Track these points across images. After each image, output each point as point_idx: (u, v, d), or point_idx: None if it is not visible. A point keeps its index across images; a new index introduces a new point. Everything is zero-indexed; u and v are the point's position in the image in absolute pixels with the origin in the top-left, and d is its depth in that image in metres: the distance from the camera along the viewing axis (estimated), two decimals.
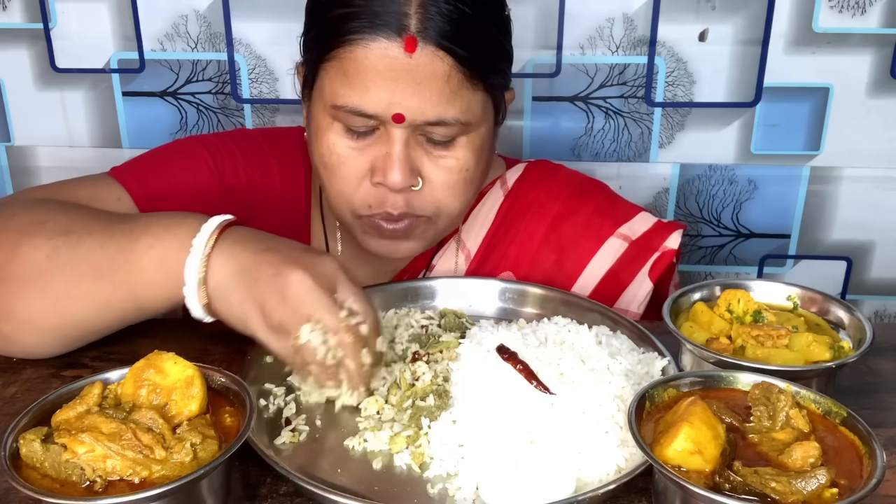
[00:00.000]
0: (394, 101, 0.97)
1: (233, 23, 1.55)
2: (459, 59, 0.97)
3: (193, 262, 0.85)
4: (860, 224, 1.65)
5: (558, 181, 1.22)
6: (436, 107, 0.97)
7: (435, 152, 1.02)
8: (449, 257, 1.19)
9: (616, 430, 0.80)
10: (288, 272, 0.83)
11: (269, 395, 0.90)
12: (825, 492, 0.66)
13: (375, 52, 0.96)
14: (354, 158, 1.02)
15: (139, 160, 1.16)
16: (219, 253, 0.85)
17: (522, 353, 0.87)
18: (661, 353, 0.92)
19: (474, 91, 1.00)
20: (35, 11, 1.56)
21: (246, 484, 0.78)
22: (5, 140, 1.66)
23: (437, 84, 0.97)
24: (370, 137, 1.01)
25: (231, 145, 1.19)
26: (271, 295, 0.83)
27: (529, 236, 1.18)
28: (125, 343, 0.97)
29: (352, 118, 0.99)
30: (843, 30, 1.51)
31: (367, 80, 0.97)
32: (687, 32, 1.53)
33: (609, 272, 1.16)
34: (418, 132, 1.00)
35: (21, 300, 0.90)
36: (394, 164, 0.99)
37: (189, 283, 0.85)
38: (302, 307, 0.82)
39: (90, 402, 0.73)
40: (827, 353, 0.86)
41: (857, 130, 1.57)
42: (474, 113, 1.01)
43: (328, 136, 1.02)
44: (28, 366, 0.96)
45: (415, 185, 1.02)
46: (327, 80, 1.00)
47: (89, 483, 0.67)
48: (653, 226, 1.18)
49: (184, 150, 1.17)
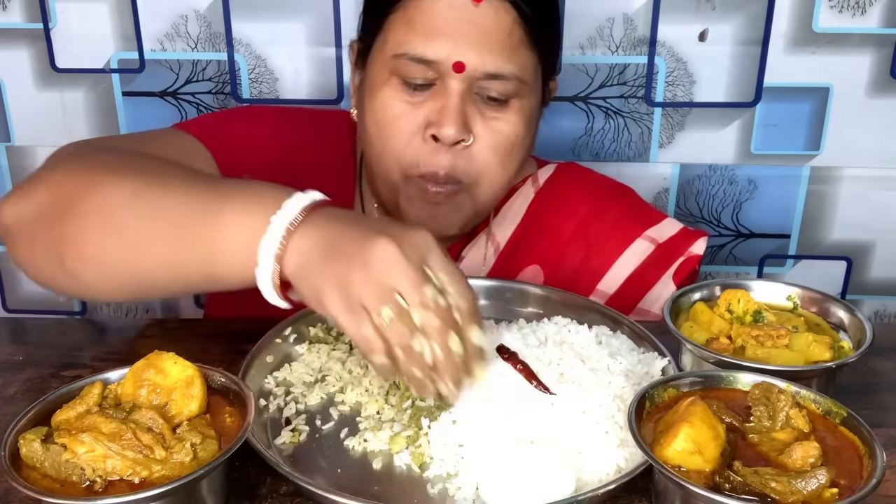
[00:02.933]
0: (456, 50, 1.00)
1: (233, 23, 1.55)
2: (523, 14, 1.01)
3: (270, 239, 0.76)
4: (860, 224, 1.65)
5: (588, 183, 1.25)
6: (496, 59, 1.00)
7: (489, 113, 1.04)
8: (479, 249, 1.21)
9: (616, 430, 0.80)
10: (373, 242, 0.74)
11: (269, 395, 0.90)
12: (825, 492, 0.66)
13: (443, 1, 1.00)
14: (409, 113, 1.04)
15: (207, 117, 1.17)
16: (301, 230, 0.77)
17: (522, 353, 0.87)
18: (661, 353, 0.92)
19: (531, 52, 1.04)
20: (35, 11, 1.56)
21: (246, 484, 0.78)
22: (5, 140, 1.66)
23: (499, 37, 1.00)
24: (426, 93, 1.03)
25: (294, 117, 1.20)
26: (352, 267, 0.73)
27: (558, 233, 1.20)
28: (125, 343, 0.97)
29: (412, 67, 1.01)
30: (843, 30, 1.51)
31: (431, 28, 1.00)
32: (687, 32, 1.53)
33: (634, 273, 1.18)
34: (475, 88, 1.03)
35: (92, 238, 0.84)
36: (449, 116, 1.01)
37: (262, 262, 0.77)
38: (387, 279, 0.73)
39: (90, 402, 0.73)
40: (827, 353, 0.86)
41: (857, 130, 1.57)
42: (529, 73, 1.04)
43: (384, 91, 1.04)
44: (28, 366, 0.96)
45: (466, 140, 1.03)
46: (391, 33, 1.03)
47: (89, 483, 0.67)
48: (679, 231, 1.20)
49: (253, 115, 1.18)
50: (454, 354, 0.75)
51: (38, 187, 0.89)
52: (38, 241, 0.87)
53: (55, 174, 0.90)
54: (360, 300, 0.73)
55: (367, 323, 0.73)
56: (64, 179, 0.88)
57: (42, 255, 0.88)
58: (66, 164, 0.91)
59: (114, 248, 0.84)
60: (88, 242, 0.84)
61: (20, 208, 0.88)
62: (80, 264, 0.85)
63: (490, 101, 1.04)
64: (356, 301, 0.73)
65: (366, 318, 0.73)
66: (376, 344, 0.73)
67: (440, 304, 0.74)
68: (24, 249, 0.90)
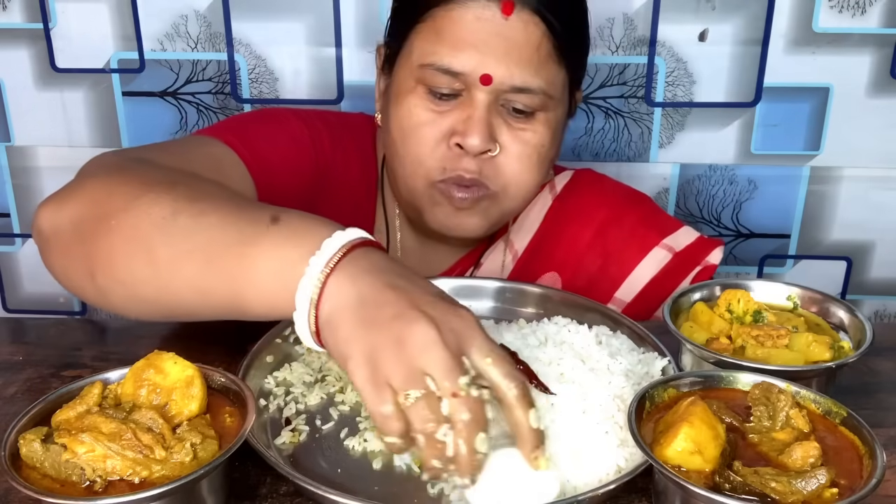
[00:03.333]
0: (483, 63, 1.00)
1: (233, 23, 1.55)
2: (552, 28, 1.01)
3: (308, 283, 0.71)
4: (860, 224, 1.65)
5: (605, 189, 1.25)
6: (524, 72, 1.00)
7: (515, 124, 1.04)
8: (497, 256, 1.22)
9: (616, 430, 0.80)
10: (412, 318, 0.68)
11: (269, 395, 0.90)
12: (825, 492, 0.66)
13: (472, 13, 0.99)
14: (434, 122, 1.04)
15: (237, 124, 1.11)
16: (340, 276, 0.71)
17: (522, 353, 0.86)
18: (661, 353, 0.92)
19: (559, 66, 1.03)
20: (35, 11, 1.56)
21: (246, 484, 0.77)
22: (5, 140, 1.66)
23: (527, 50, 1.00)
24: (452, 102, 1.03)
25: (316, 119, 1.19)
26: (385, 341, 0.68)
27: (575, 240, 1.20)
28: (125, 343, 0.97)
29: (438, 77, 1.01)
30: (843, 30, 1.51)
31: (459, 39, 1.00)
32: (687, 32, 1.53)
33: (652, 280, 1.18)
34: (501, 100, 1.03)
35: (122, 257, 0.81)
36: (474, 126, 1.01)
37: (300, 306, 0.72)
38: (420, 363, 0.67)
39: (90, 402, 0.73)
40: (827, 353, 0.86)
41: (857, 130, 1.57)
42: (556, 87, 1.04)
43: (410, 98, 1.04)
44: (28, 366, 0.96)
45: (492, 150, 1.03)
46: (417, 42, 1.03)
47: (89, 483, 0.67)
48: (695, 240, 1.20)
49: (278, 118, 1.16)
50: (478, 455, 0.68)
51: (76, 197, 0.86)
52: (71, 252, 0.85)
53: (93, 185, 0.87)
54: (387, 378, 0.68)
55: (390, 401, 0.67)
56: (102, 192, 0.85)
57: (74, 267, 0.86)
58: (105, 175, 0.88)
59: (142, 272, 0.80)
60: (118, 261, 0.82)
61: (57, 217, 0.86)
62: (110, 282, 0.83)
63: (516, 112, 1.04)
64: (383, 378, 0.68)
65: (389, 395, 0.67)
66: (394, 424, 0.68)
67: (473, 396, 0.68)
68: (58, 258, 0.88)
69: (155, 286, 0.81)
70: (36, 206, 0.91)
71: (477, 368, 0.69)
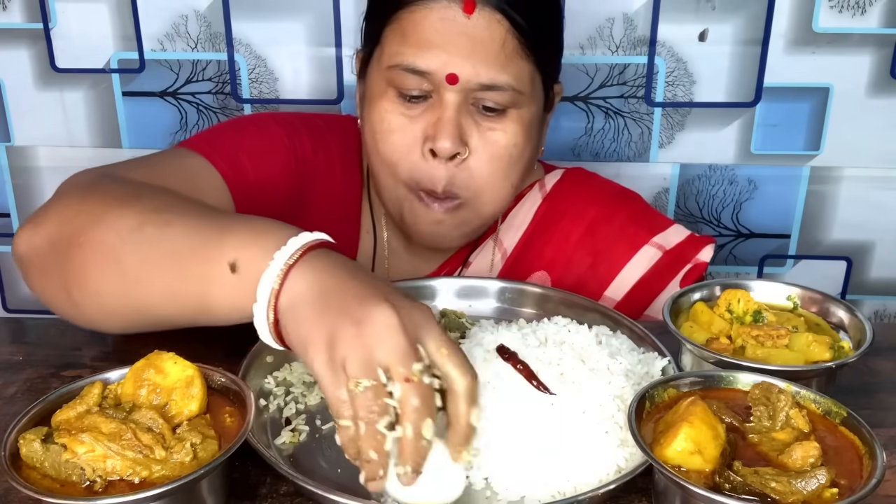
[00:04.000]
0: (449, 62, 1.00)
1: (233, 23, 1.55)
2: (516, 25, 1.01)
3: (270, 275, 0.73)
4: (860, 224, 1.65)
5: (595, 188, 1.25)
6: (489, 70, 1.00)
7: (485, 124, 1.04)
8: (486, 255, 1.21)
9: (616, 430, 0.80)
10: (374, 302, 0.69)
11: (269, 395, 0.90)
12: (825, 492, 0.66)
13: (435, 13, 1.00)
14: (406, 126, 1.04)
15: (216, 135, 1.13)
16: (301, 269, 0.74)
17: (522, 353, 0.86)
18: (661, 353, 0.92)
19: (527, 61, 1.03)
20: (35, 11, 1.56)
21: (246, 484, 0.77)
22: (5, 140, 1.66)
23: (492, 47, 1.00)
24: (422, 104, 1.04)
25: (299, 125, 1.19)
26: (345, 323, 0.69)
27: (565, 238, 1.20)
28: (125, 343, 0.97)
29: (406, 78, 1.02)
30: (843, 30, 1.51)
31: (424, 39, 1.00)
32: (687, 32, 1.53)
33: (642, 279, 1.17)
34: (470, 99, 1.03)
35: (94, 270, 0.84)
36: (444, 129, 1.02)
37: (260, 298, 0.74)
38: (376, 347, 0.68)
39: (90, 402, 0.73)
40: (827, 353, 0.86)
41: (857, 130, 1.57)
42: (525, 83, 1.04)
43: (381, 103, 1.05)
44: (28, 366, 0.96)
45: (462, 153, 1.04)
46: (386, 45, 1.04)
47: (89, 483, 0.67)
48: (686, 238, 1.20)
49: (259, 127, 1.16)
50: (423, 441, 0.69)
51: (49, 219, 0.89)
52: (49, 271, 0.88)
53: (64, 205, 0.90)
54: (343, 360, 0.68)
55: (343, 386, 0.68)
56: (72, 211, 0.88)
57: (52, 286, 0.89)
58: (75, 194, 0.91)
59: (113, 283, 0.84)
60: (90, 275, 0.85)
61: (33, 239, 0.89)
62: (84, 296, 0.86)
63: (487, 111, 1.04)
64: (339, 360, 0.69)
65: (343, 380, 0.68)
66: (346, 410, 0.68)
67: (425, 383, 0.68)
68: (38, 279, 0.91)
69: (126, 294, 0.84)
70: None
71: (431, 357, 0.70)
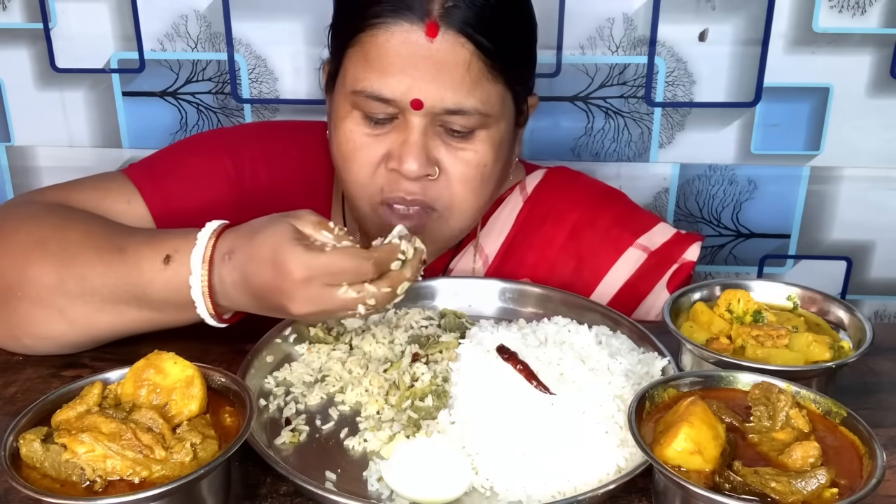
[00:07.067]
0: (413, 87, 0.97)
1: (233, 23, 1.55)
2: (481, 47, 0.97)
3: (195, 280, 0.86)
4: (860, 224, 1.65)
5: (578, 189, 1.22)
6: (455, 94, 0.97)
7: (454, 144, 1.01)
8: (467, 261, 1.19)
9: (616, 430, 0.80)
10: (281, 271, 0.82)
11: (269, 395, 0.90)
12: (825, 492, 0.66)
13: (397, 37, 0.96)
14: (371, 146, 1.01)
15: (155, 159, 1.15)
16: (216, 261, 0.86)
17: (522, 353, 0.86)
18: (661, 353, 0.92)
19: (495, 83, 1.00)
20: (35, 11, 1.56)
21: (246, 484, 0.78)
22: (5, 140, 1.66)
23: (457, 71, 0.97)
24: (388, 126, 1.01)
25: (253, 143, 1.18)
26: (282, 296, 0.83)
27: (548, 243, 1.18)
28: (125, 343, 0.97)
29: (371, 104, 0.99)
30: (843, 30, 1.51)
31: (387, 65, 0.97)
32: (687, 32, 1.53)
33: (627, 282, 1.16)
34: (437, 122, 1.00)
35: (39, 320, 0.93)
36: (410, 152, 0.99)
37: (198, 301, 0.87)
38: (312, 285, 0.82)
39: (90, 402, 0.73)
40: (827, 353, 0.86)
41: (857, 130, 1.57)
42: (494, 105, 1.01)
43: (346, 123, 1.02)
44: (28, 366, 0.96)
45: (431, 174, 1.01)
46: (349, 66, 1.01)
47: (89, 483, 0.67)
48: (672, 237, 1.18)
49: (203, 152, 1.16)
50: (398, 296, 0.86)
51: None
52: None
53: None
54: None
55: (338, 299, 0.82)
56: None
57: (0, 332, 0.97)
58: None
59: (62, 327, 0.93)
60: (37, 324, 0.93)
61: None
62: (37, 341, 0.95)
63: (454, 133, 1.01)
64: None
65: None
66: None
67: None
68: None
69: (79, 334, 0.95)
70: None
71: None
